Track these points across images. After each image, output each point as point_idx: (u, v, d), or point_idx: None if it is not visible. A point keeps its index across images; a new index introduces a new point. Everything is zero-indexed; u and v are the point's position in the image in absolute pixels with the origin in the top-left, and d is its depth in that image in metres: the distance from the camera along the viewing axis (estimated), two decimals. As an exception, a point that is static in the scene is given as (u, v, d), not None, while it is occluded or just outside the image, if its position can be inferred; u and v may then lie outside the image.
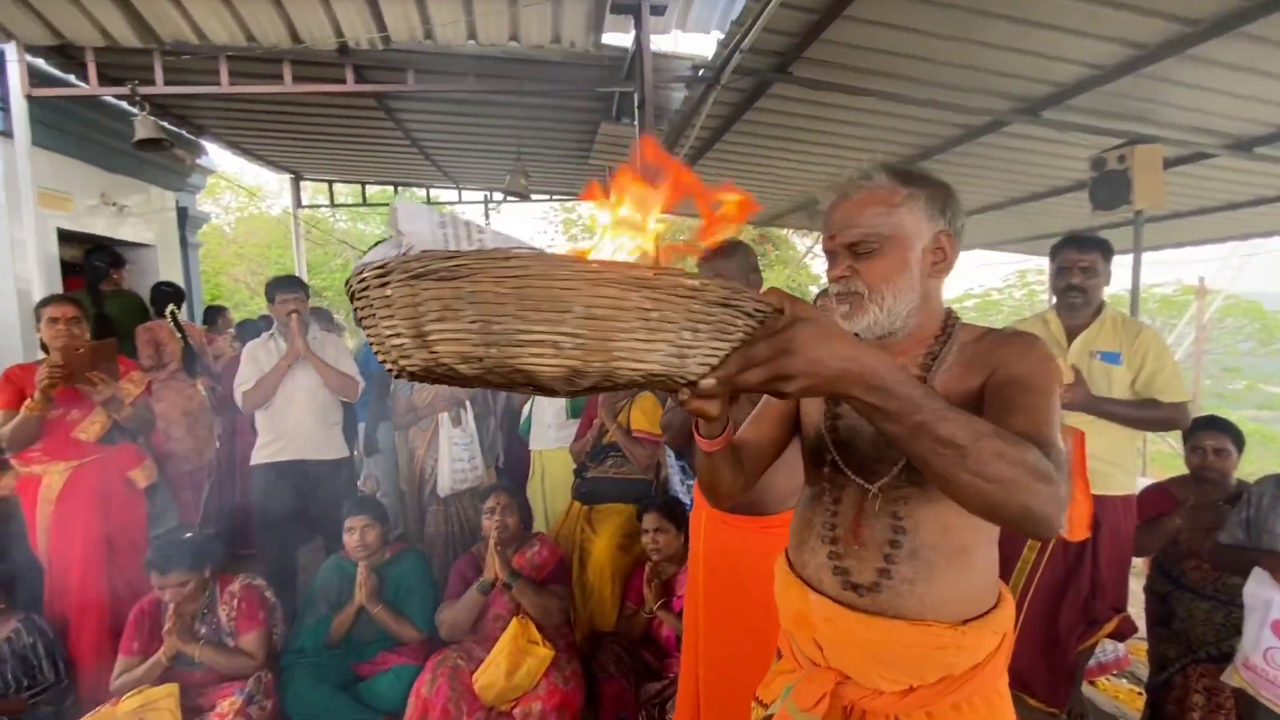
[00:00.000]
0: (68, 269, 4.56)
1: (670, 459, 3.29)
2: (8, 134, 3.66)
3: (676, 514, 2.61)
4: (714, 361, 0.61)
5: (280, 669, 2.48)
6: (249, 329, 4.55)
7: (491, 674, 2.29)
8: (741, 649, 1.89)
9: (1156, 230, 5.42)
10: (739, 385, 0.65)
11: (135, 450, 2.72)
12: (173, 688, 2.21)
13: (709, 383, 0.63)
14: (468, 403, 3.58)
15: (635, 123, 3.40)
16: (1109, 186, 3.43)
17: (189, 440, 3.75)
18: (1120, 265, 2.65)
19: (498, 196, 7.00)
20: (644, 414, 2.93)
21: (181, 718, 2.17)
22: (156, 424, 3.53)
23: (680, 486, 3.27)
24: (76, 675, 2.44)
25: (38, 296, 3.17)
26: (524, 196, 5.20)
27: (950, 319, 1.03)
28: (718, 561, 1.96)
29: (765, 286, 2.17)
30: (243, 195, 15.85)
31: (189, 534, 2.64)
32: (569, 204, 13.49)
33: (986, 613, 0.96)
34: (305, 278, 5.65)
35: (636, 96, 3.18)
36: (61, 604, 2.48)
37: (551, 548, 2.71)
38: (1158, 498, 2.49)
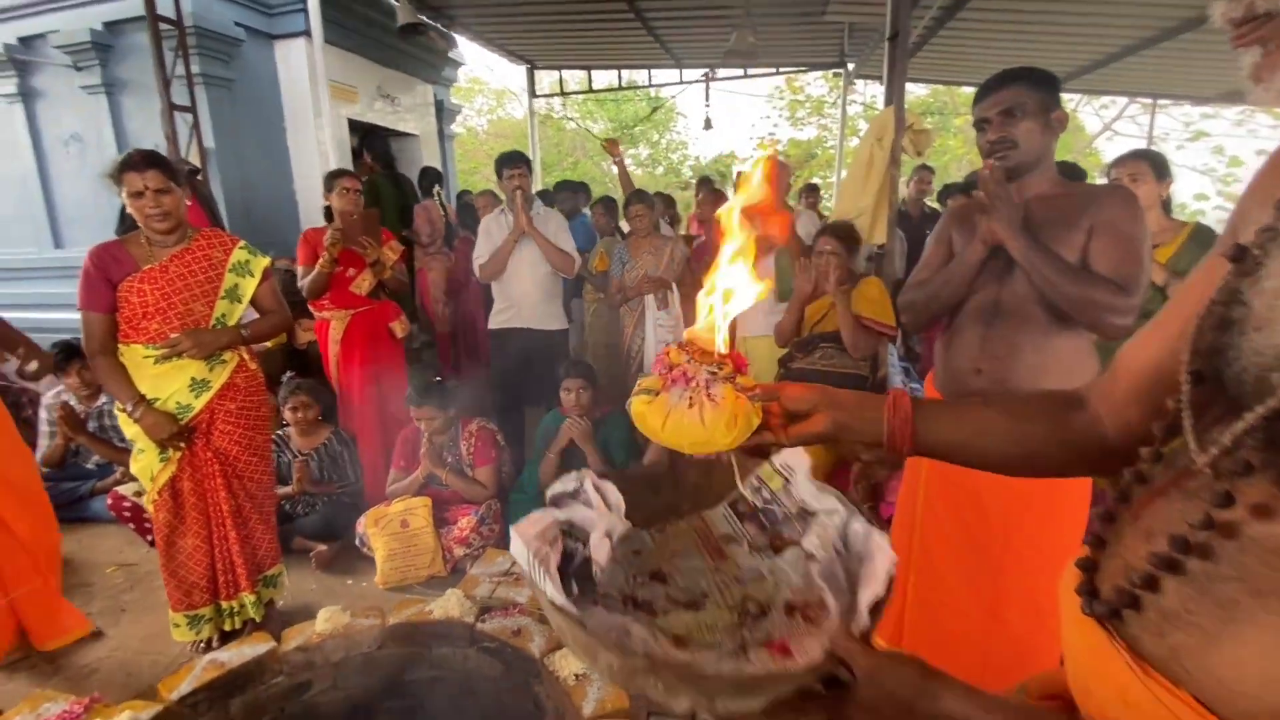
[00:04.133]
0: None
1: (893, 357, 2.94)
2: (308, 33, 4.28)
3: (893, 413, 2.32)
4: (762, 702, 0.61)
5: (508, 502, 2.84)
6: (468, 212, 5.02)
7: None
8: (962, 563, 1.67)
9: None
10: None
11: (394, 306, 3.20)
12: (427, 500, 2.66)
13: None
14: (674, 285, 3.55)
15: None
16: None
17: (448, 305, 4.34)
18: None
19: (721, 74, 6.58)
20: (867, 300, 2.57)
21: (432, 524, 2.61)
22: (429, 290, 4.13)
23: (901, 389, 2.93)
24: (364, 479, 3.07)
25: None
26: (750, 58, 4.73)
27: None
28: (947, 469, 1.69)
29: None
30: (491, 98, 17.37)
31: (438, 379, 3.06)
32: (797, 81, 12.33)
33: None
34: (539, 173, 5.98)
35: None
36: (349, 424, 3.09)
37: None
38: None
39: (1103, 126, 12.36)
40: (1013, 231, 1.45)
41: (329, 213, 3.00)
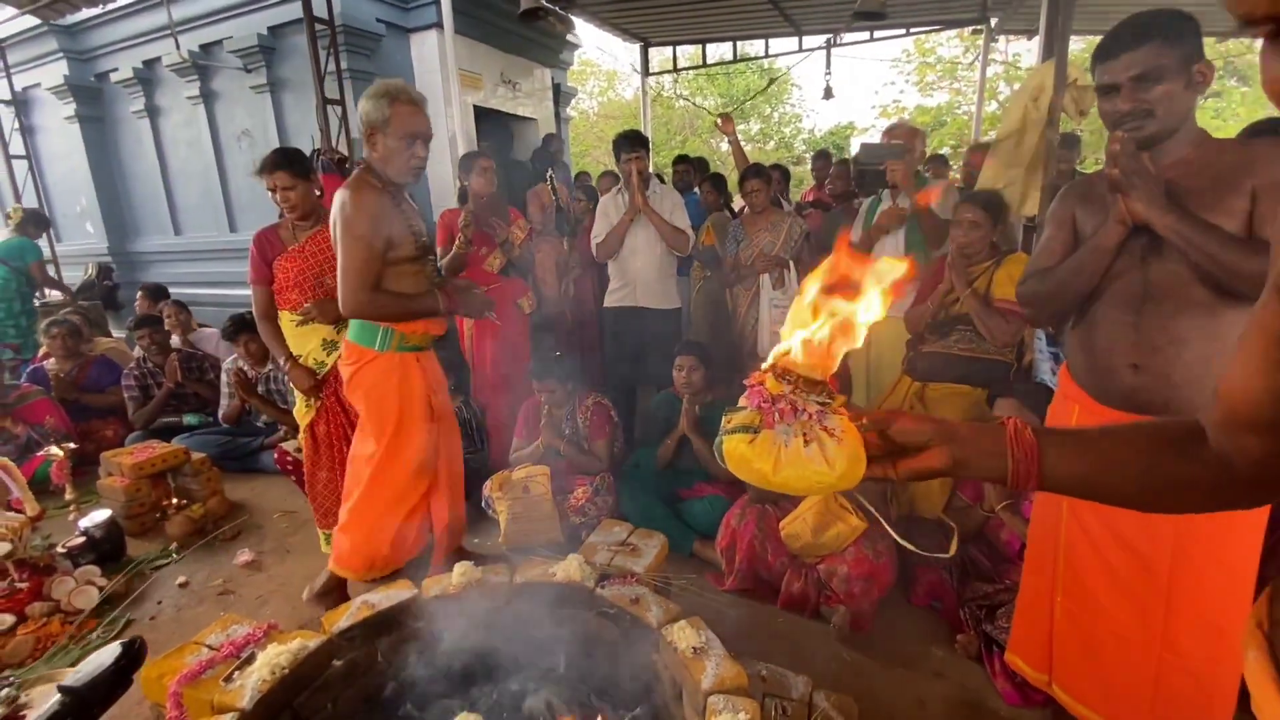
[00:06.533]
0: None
1: (1041, 344, 2.68)
2: (439, 25, 4.51)
3: (1041, 404, 2.12)
4: None
5: (620, 476, 2.90)
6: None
7: (798, 526, 2.29)
8: (1123, 584, 1.46)
9: None
10: None
11: (521, 283, 3.34)
12: (546, 469, 2.78)
13: None
14: (792, 264, 3.42)
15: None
16: None
17: (558, 286, 4.47)
18: None
19: (845, 38, 6.21)
20: (1012, 281, 2.36)
21: (551, 492, 2.72)
22: (536, 271, 4.27)
23: (1050, 377, 2.66)
24: (490, 446, 3.25)
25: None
26: (880, 19, 4.42)
27: None
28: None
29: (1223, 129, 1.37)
30: (601, 80, 17.56)
31: (558, 354, 3.17)
32: (927, 43, 11.40)
33: None
34: (650, 149, 5.99)
35: None
36: (480, 394, 3.28)
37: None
38: None
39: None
40: (1159, 209, 1.26)
41: (464, 194, 3.17)
